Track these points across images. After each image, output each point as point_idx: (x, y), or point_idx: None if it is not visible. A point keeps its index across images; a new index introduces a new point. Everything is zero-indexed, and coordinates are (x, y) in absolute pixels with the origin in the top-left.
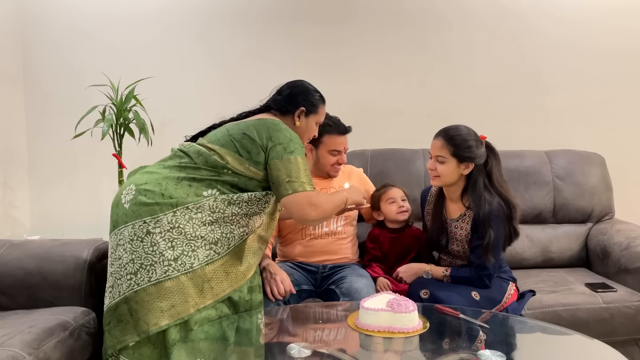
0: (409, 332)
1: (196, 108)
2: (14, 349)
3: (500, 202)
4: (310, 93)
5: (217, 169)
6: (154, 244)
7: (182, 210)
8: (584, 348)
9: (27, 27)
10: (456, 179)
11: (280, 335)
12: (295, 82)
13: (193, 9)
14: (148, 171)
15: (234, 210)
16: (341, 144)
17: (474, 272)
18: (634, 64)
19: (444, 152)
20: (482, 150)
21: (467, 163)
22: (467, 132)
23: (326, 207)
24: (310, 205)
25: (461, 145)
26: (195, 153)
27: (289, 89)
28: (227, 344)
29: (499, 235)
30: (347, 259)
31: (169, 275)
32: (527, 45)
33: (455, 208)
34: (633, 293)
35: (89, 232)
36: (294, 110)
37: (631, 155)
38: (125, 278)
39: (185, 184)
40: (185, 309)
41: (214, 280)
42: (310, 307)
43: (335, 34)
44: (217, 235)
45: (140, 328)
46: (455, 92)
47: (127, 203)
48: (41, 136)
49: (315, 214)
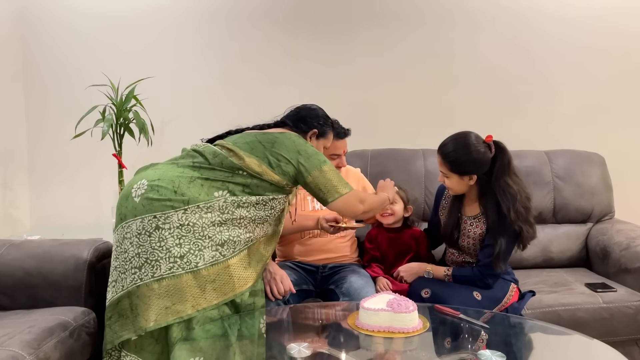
0: (409, 332)
1: (196, 108)
2: (14, 349)
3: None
4: (322, 118)
5: (232, 170)
6: (161, 239)
7: (193, 208)
8: (584, 348)
9: (27, 27)
10: (466, 189)
11: (280, 335)
12: (309, 105)
13: (193, 10)
14: (160, 168)
15: (242, 213)
16: (341, 148)
17: (478, 272)
18: (635, 64)
19: (444, 169)
20: (485, 157)
21: (470, 175)
22: (463, 147)
23: (372, 200)
24: (359, 202)
25: (455, 162)
26: (212, 154)
27: (303, 112)
28: (229, 343)
29: (510, 244)
30: (346, 257)
31: (173, 273)
32: (528, 45)
33: (473, 207)
34: (633, 293)
35: (89, 232)
36: (307, 130)
37: (631, 155)
38: (129, 272)
39: (197, 184)
40: (185, 309)
41: (217, 282)
42: (310, 307)
43: (335, 34)
44: (225, 237)
45: (137, 324)
46: (456, 92)
47: (137, 197)
48: (41, 136)
49: (363, 207)
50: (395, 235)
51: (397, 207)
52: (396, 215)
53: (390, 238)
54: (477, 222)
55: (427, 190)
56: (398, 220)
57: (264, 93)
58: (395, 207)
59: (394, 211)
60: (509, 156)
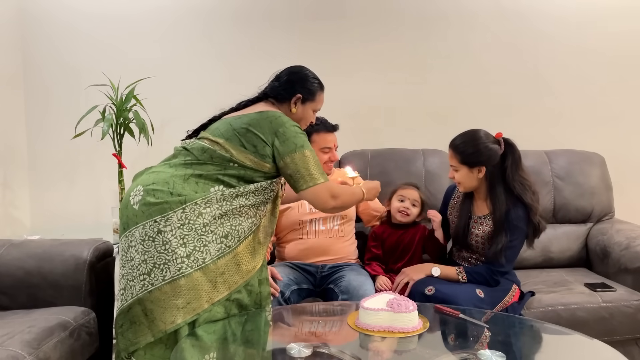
0: (409, 331)
1: (196, 108)
2: (14, 349)
3: (519, 204)
4: (309, 80)
5: (223, 163)
6: (165, 242)
7: (191, 206)
8: (584, 347)
9: (27, 27)
10: (476, 184)
11: (280, 335)
12: (294, 67)
13: (193, 9)
14: (154, 171)
15: (242, 201)
16: (331, 141)
17: (488, 269)
18: (635, 65)
19: (454, 162)
20: (494, 151)
21: (479, 167)
22: (472, 139)
23: (345, 198)
24: (331, 196)
25: (465, 152)
26: (200, 150)
27: (287, 76)
28: (234, 339)
29: (515, 241)
30: (345, 258)
31: (183, 273)
32: (528, 45)
33: (483, 206)
34: (632, 292)
35: (89, 232)
36: (290, 98)
37: (631, 155)
38: (138, 279)
39: (192, 181)
40: (201, 305)
41: (226, 273)
42: (310, 307)
43: (337, 33)
44: (227, 228)
45: (156, 328)
46: (456, 92)
47: (136, 204)
48: (41, 136)
49: (334, 203)
50: (401, 232)
51: (416, 210)
52: (411, 217)
53: (396, 234)
54: (486, 221)
55: (427, 190)
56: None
57: None
58: (413, 210)
59: (411, 212)
60: (519, 152)
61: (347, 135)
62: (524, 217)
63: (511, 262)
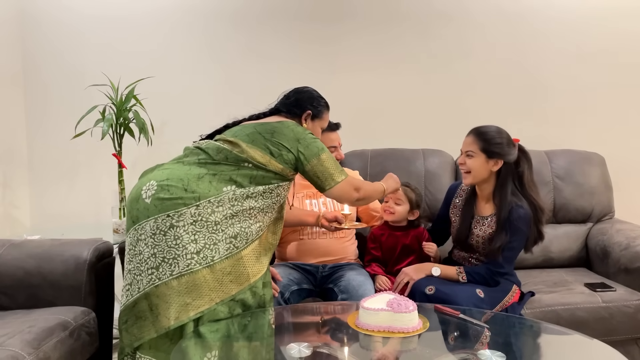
0: (408, 331)
1: (196, 108)
2: (14, 349)
3: (527, 206)
4: (316, 99)
5: (237, 163)
6: (177, 237)
7: (204, 203)
8: (584, 347)
9: (27, 27)
10: (486, 176)
11: (280, 335)
12: (301, 88)
13: (193, 9)
14: (167, 168)
15: (251, 203)
16: (335, 140)
17: (488, 269)
18: (635, 65)
19: (473, 147)
20: (513, 151)
21: (496, 159)
22: (498, 131)
23: (367, 188)
24: (354, 189)
25: (490, 141)
26: (215, 150)
27: (295, 95)
28: (236, 338)
29: (514, 242)
30: (346, 258)
31: (191, 269)
32: (528, 45)
33: (486, 207)
34: (632, 292)
35: (89, 232)
36: (301, 114)
37: (631, 155)
38: (145, 273)
39: (206, 180)
40: (206, 302)
41: (233, 273)
42: (310, 307)
43: (335, 34)
44: (237, 229)
45: (159, 324)
46: (456, 92)
47: (148, 198)
48: (41, 136)
49: (358, 195)
50: (399, 234)
51: (401, 208)
52: (397, 215)
53: (394, 236)
54: (488, 222)
55: (427, 190)
56: (401, 220)
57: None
58: (397, 208)
59: (395, 210)
60: (531, 163)
61: (347, 135)
62: (527, 220)
63: (510, 263)
